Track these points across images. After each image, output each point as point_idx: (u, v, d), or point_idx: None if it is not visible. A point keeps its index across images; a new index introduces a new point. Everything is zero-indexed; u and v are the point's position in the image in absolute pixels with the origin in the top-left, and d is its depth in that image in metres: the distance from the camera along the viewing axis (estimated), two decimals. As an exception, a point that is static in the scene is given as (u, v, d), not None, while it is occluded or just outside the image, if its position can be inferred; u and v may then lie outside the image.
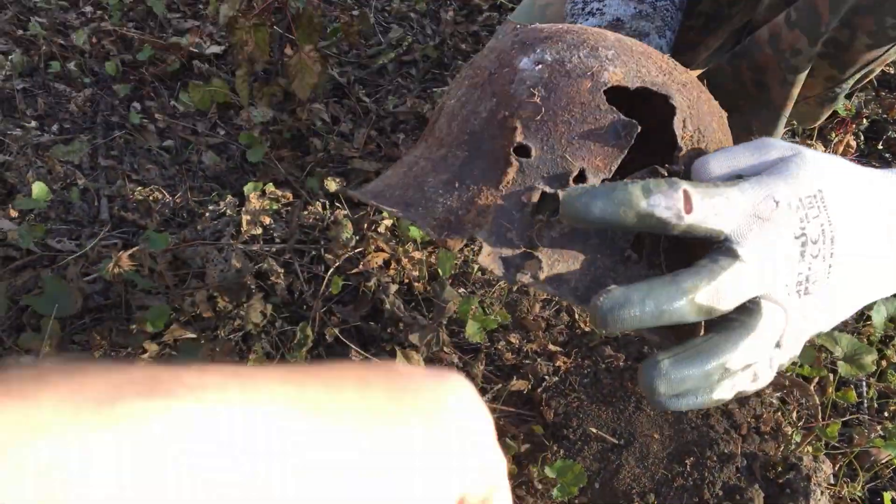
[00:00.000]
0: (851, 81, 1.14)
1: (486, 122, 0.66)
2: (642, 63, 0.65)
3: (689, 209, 0.54)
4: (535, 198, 0.61)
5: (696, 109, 0.66)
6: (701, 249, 0.60)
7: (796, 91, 1.12)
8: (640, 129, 0.61)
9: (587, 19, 1.03)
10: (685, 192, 0.54)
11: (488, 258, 0.59)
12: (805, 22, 1.04)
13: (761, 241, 0.55)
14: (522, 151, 0.63)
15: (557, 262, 0.59)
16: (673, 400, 0.55)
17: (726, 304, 0.55)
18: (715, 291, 0.54)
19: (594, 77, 0.63)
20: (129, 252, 1.07)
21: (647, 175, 0.62)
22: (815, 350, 1.29)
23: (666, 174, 0.62)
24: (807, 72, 1.10)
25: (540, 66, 0.65)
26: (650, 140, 0.70)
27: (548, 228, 0.60)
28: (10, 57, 1.70)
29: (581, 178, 0.61)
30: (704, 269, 0.55)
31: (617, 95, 0.65)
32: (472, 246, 1.44)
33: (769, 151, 0.60)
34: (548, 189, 0.61)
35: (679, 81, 0.67)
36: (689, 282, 0.53)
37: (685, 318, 0.53)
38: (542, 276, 0.58)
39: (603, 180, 0.61)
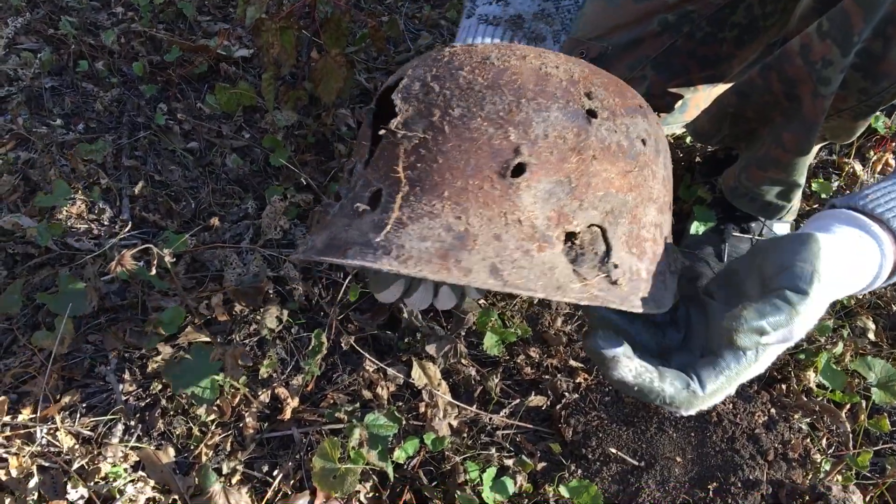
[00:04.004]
0: (887, 96, 1.09)
1: None
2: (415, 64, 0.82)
3: None
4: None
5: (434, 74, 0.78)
6: None
7: (828, 104, 1.08)
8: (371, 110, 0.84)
9: (489, 3, 1.00)
10: None
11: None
12: (837, 32, 1.00)
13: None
14: None
15: (317, 235, 0.81)
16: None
17: None
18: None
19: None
20: (133, 251, 1.05)
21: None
22: (848, 375, 1.24)
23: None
24: (839, 84, 1.06)
25: None
26: None
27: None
28: (39, 55, 1.71)
29: (351, 170, 0.83)
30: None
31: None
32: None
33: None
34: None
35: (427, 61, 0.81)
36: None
37: None
38: (301, 249, 0.81)
39: (366, 161, 0.80)
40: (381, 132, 0.78)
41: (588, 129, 0.74)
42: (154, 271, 1.05)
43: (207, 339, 1.24)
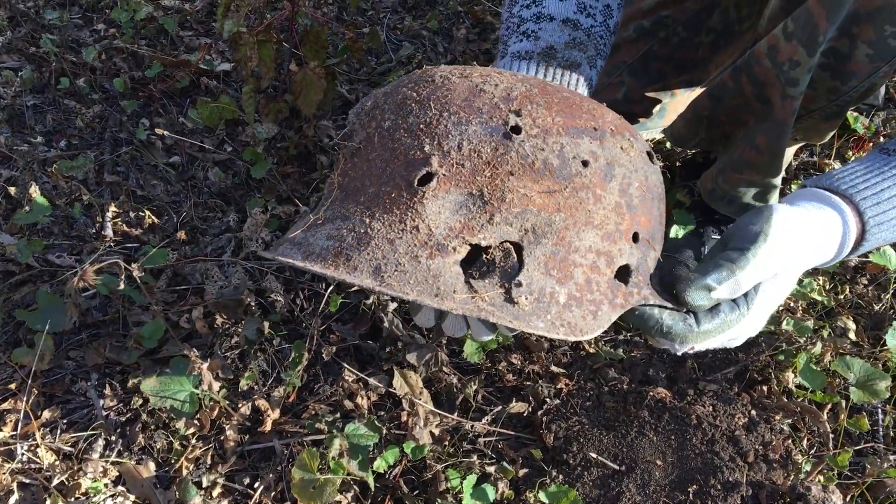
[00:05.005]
0: (855, 95, 1.09)
1: None
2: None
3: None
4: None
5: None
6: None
7: (798, 105, 1.08)
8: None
9: (520, 41, 1.02)
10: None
11: None
12: (802, 33, 1.01)
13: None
14: None
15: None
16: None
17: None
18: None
19: None
20: (96, 267, 1.05)
21: None
22: (829, 375, 1.25)
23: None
24: (807, 84, 1.06)
25: None
26: None
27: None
28: (20, 73, 1.71)
29: None
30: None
31: None
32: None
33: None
34: None
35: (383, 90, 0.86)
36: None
37: None
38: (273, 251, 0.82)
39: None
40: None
41: (508, 144, 0.74)
42: (122, 285, 1.04)
43: (185, 354, 1.24)
